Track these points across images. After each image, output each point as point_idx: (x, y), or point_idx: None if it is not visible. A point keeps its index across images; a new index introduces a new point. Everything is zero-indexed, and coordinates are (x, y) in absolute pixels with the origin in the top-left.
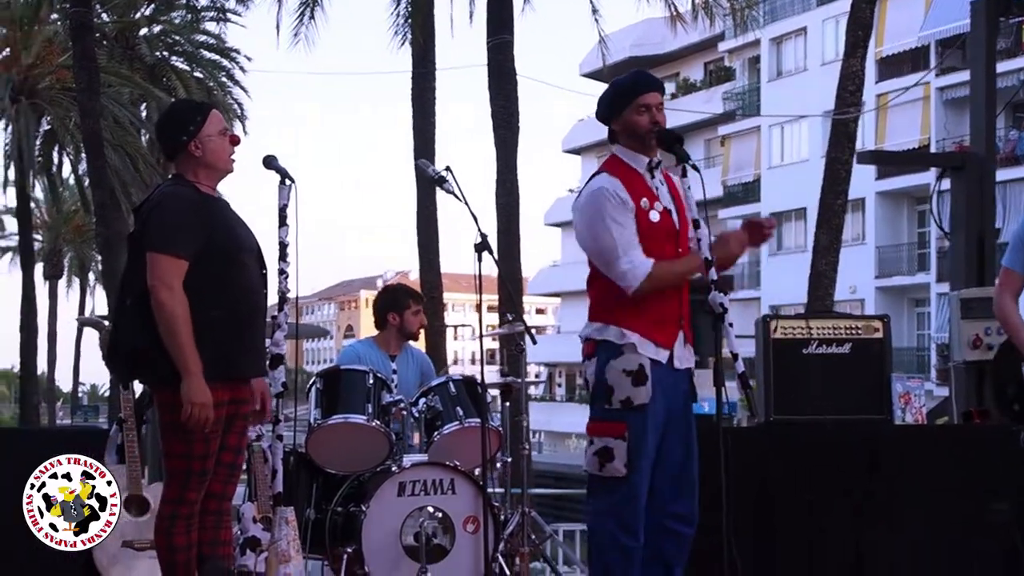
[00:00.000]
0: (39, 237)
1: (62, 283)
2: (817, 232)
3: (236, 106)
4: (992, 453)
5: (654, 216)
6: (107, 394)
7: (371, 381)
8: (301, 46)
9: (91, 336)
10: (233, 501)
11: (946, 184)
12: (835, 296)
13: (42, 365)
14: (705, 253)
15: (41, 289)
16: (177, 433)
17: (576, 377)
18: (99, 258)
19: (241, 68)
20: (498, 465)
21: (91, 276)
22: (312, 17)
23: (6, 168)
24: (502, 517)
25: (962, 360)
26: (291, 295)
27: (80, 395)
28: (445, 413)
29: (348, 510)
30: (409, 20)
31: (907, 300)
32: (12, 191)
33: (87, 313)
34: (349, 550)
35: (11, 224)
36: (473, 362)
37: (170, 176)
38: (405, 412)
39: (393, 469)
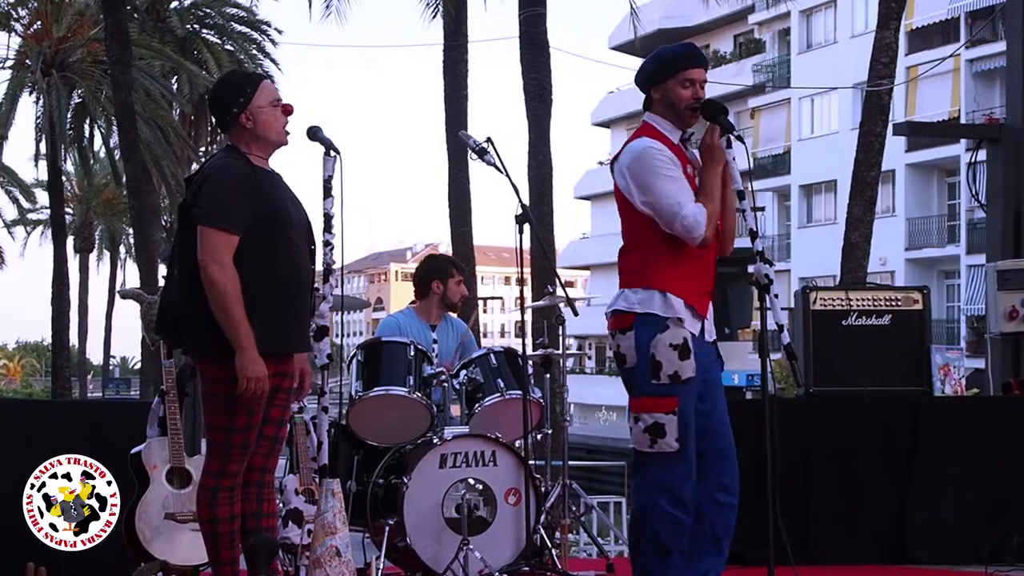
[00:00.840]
0: (70, 210)
1: (93, 256)
2: (850, 204)
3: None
4: None
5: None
6: (138, 367)
7: (412, 353)
8: (332, 19)
9: (122, 309)
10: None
11: (980, 156)
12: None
13: (73, 338)
14: (751, 224)
15: (72, 262)
16: (220, 405)
17: (606, 350)
18: (130, 231)
19: (272, 41)
20: (537, 437)
21: (122, 249)
22: None
23: (37, 141)
24: (543, 489)
25: (998, 331)
26: (336, 267)
27: (111, 368)
28: (486, 385)
29: (389, 482)
30: None
31: (937, 272)
32: (43, 164)
33: (119, 286)
34: (390, 522)
35: (43, 197)
36: (502, 335)
37: (224, 147)
38: (446, 384)
39: (434, 441)
